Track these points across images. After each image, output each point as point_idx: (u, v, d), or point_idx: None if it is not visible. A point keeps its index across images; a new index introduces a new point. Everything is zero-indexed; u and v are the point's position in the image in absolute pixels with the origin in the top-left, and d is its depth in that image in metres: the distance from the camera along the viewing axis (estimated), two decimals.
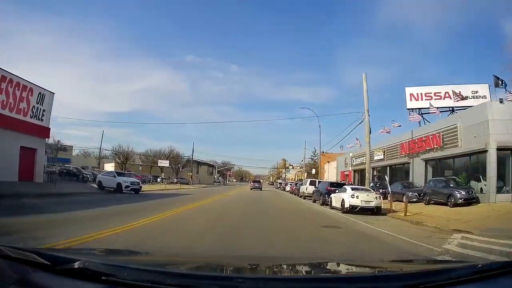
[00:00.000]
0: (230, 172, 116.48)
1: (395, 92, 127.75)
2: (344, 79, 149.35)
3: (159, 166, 61.94)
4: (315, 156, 71.56)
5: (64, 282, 1.40)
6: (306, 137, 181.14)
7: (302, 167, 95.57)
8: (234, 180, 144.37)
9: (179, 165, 70.23)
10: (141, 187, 22.67)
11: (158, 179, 55.44)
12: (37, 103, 21.00)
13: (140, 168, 62.62)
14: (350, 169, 41.45)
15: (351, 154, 41.17)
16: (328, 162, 58.67)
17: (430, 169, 23.63)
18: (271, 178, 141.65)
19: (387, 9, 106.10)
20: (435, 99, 28.00)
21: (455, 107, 27.18)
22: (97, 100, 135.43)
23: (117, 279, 1.37)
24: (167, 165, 59.20)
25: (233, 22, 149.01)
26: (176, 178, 62.86)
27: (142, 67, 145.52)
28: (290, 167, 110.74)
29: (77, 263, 1.42)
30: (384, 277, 1.78)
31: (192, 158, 71.79)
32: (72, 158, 64.38)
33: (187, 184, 58.00)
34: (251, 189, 53.37)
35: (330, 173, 54.25)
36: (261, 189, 56.23)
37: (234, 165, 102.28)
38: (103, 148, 64.91)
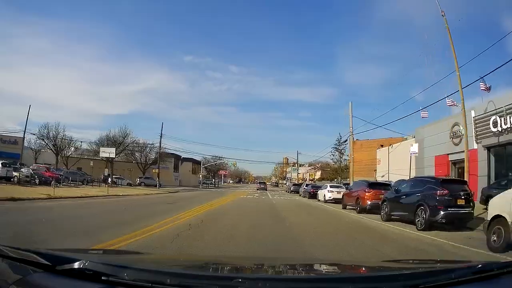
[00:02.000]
0: (226, 172, 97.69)
1: (396, 90, 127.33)
2: (344, 79, 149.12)
3: (104, 159, 42.10)
4: (340, 145, 55.71)
5: (64, 282, 1.40)
6: (310, 137, 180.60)
7: (312, 164, 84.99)
8: (230, 181, 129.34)
9: (145, 158, 52.07)
10: None
11: (110, 180, 38.51)
12: None
13: (92, 164, 43.42)
14: (475, 147, 19.94)
15: (473, 114, 20.30)
16: (382, 146, 40.39)
17: None
18: (273, 178, 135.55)
19: (386, 7, 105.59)
20: None
21: None
22: (96, 102, 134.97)
23: (117, 279, 1.37)
24: (113, 155, 39.51)
25: (231, 22, 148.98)
26: (140, 178, 48.61)
27: (141, 68, 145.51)
28: (298, 165, 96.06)
29: (77, 263, 1.42)
30: (384, 277, 1.78)
31: (160, 145, 48.91)
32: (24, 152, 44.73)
33: (155, 186, 43.10)
34: (257, 189, 54.22)
35: (396, 163, 31.18)
36: (266, 189, 58.74)
37: (224, 158, 73.47)
38: (28, 132, 42.26)
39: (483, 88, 18.14)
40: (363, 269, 2.36)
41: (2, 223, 9.06)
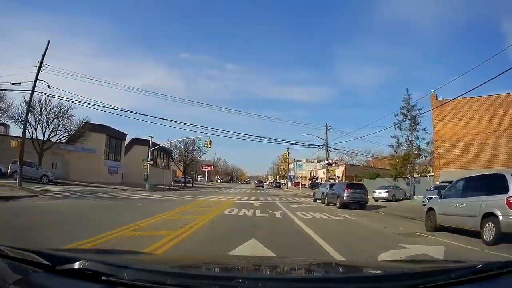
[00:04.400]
0: (210, 167, 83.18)
1: (393, 91, 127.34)
2: (342, 79, 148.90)
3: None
4: (411, 110, 32.70)
5: (64, 282, 1.40)
6: (308, 137, 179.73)
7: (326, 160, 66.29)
8: (219, 180, 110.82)
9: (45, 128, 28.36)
10: None
11: None
12: None
13: None
14: None
15: None
16: None
17: None
18: (271, 177, 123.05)
19: (386, 7, 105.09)
20: None
21: None
22: (93, 98, 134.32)
23: (117, 279, 1.37)
24: None
25: (228, 21, 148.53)
26: (13, 163, 24.49)
27: (138, 65, 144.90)
28: (303, 160, 79.50)
29: (77, 263, 1.42)
30: (384, 277, 1.79)
31: (34, 88, 20.88)
32: None
33: (40, 180, 25.92)
34: (256, 187, 52.09)
35: None
36: (263, 187, 54.26)
37: (198, 137, 43.84)
38: None
39: None
40: (363, 269, 2.36)
41: None
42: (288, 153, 46.97)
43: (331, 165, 44.96)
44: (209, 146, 40.13)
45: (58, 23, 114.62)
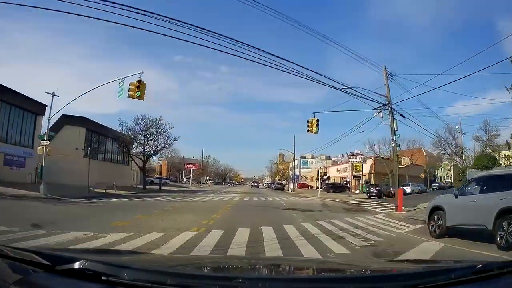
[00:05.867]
0: (194, 166, 73.25)
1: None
2: (336, 79, 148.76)
3: None
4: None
5: (64, 282, 1.40)
6: (304, 137, 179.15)
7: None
8: (210, 181, 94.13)
9: None
10: None
11: None
12: None
13: None
14: None
15: None
16: None
17: None
18: (269, 178, 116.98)
19: (380, 6, 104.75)
20: None
21: None
22: (85, 101, 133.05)
23: (117, 279, 1.37)
24: None
25: (221, 21, 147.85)
26: None
27: (130, 66, 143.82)
28: (309, 157, 71.47)
29: (77, 263, 1.42)
30: (384, 277, 1.79)
31: None
32: None
33: None
34: (251, 187, 51.88)
35: None
36: (258, 187, 52.69)
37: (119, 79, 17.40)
38: None
39: None
40: (363, 269, 2.36)
41: None
42: (318, 120, 21.13)
43: (399, 145, 27.66)
44: (138, 93, 16.52)
45: (48, 25, 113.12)
